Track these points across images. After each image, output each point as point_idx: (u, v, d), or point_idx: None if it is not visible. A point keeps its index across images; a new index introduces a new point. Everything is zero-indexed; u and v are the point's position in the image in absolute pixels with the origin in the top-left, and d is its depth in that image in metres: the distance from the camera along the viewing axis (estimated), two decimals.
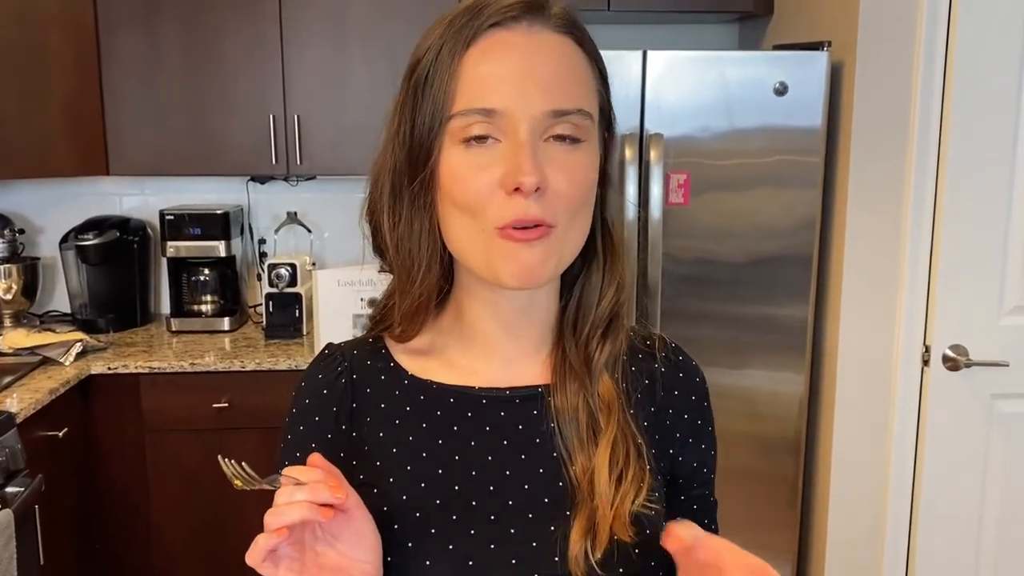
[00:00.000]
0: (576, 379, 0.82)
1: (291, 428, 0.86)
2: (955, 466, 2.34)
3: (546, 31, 0.75)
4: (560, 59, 0.75)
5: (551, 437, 0.81)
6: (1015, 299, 2.26)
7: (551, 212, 0.73)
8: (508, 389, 0.83)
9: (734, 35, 3.08)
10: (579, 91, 0.75)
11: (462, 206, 0.74)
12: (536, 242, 0.73)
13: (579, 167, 0.75)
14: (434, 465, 0.80)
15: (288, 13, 2.64)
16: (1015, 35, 2.15)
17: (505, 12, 0.74)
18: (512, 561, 0.77)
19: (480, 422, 0.82)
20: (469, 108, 0.72)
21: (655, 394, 0.87)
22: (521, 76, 0.73)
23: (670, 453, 0.87)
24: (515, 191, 0.72)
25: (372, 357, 0.86)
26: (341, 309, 2.55)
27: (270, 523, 0.67)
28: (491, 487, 0.80)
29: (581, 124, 0.75)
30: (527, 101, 0.72)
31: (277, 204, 3.02)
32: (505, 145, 0.73)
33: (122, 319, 2.84)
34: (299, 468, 0.69)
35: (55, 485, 2.23)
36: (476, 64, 0.73)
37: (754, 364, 2.44)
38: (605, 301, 0.84)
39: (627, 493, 0.78)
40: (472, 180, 0.73)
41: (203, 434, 2.51)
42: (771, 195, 2.37)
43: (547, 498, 0.79)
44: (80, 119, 2.64)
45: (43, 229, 2.97)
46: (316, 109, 2.69)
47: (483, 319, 0.83)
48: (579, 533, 0.76)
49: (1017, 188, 2.22)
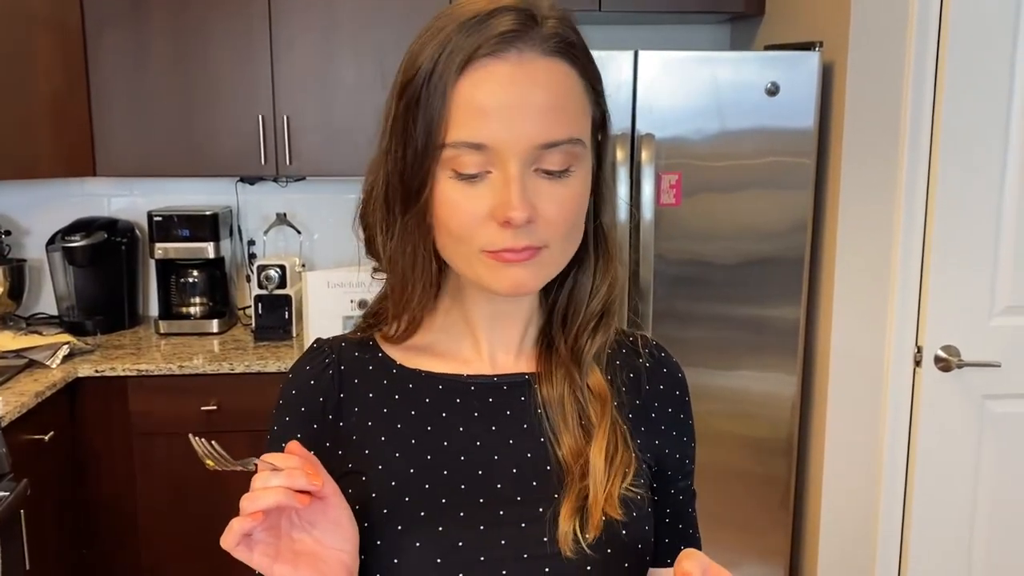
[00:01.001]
0: (563, 368, 0.85)
1: (277, 419, 0.87)
2: (947, 467, 2.34)
3: (538, 58, 0.74)
4: (550, 89, 0.74)
5: (539, 422, 0.84)
6: (1006, 300, 2.27)
7: (541, 238, 0.75)
8: (496, 376, 0.86)
9: (725, 35, 3.08)
10: (570, 118, 0.76)
11: (454, 235, 0.76)
12: (526, 263, 0.75)
13: (569, 195, 0.76)
14: (423, 451, 0.82)
15: (277, 12, 2.62)
16: (1006, 35, 2.16)
17: (496, 42, 0.73)
18: (501, 542, 0.79)
19: (468, 408, 0.84)
20: (459, 141, 0.73)
21: (640, 388, 0.89)
22: (511, 109, 0.73)
23: (656, 444, 0.89)
24: (506, 223, 0.73)
25: (360, 349, 0.88)
26: (331, 311, 2.54)
27: (245, 507, 0.67)
28: (480, 471, 0.81)
29: (572, 151, 0.75)
30: (517, 134, 0.73)
31: (266, 205, 3.01)
32: (496, 176, 0.74)
33: (110, 321, 2.82)
34: (276, 455, 0.70)
35: (41, 489, 2.20)
36: (467, 94, 0.73)
37: (746, 365, 2.44)
38: (597, 299, 0.86)
39: (617, 475, 0.81)
40: (464, 211, 0.75)
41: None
42: (763, 196, 2.37)
43: (535, 481, 0.81)
44: (67, 120, 2.62)
45: (30, 231, 2.95)
46: (306, 110, 2.68)
47: (474, 316, 0.85)
48: (568, 514, 0.79)
49: (1008, 188, 2.22)
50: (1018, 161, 2.21)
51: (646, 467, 0.86)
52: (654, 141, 2.30)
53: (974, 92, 2.17)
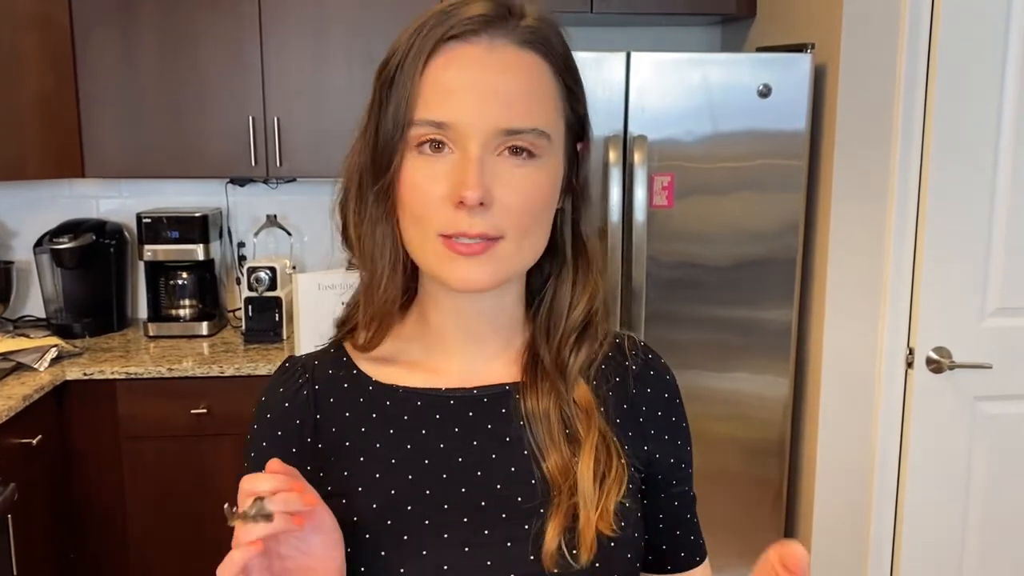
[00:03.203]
0: (548, 381, 0.82)
1: (254, 444, 0.84)
2: (939, 468, 2.35)
3: (509, 47, 0.75)
4: (519, 76, 0.75)
5: (521, 435, 0.81)
6: (998, 301, 2.27)
7: (496, 226, 0.74)
8: (475, 388, 0.83)
9: (716, 37, 3.08)
10: (536, 109, 0.75)
11: (412, 214, 0.76)
12: (480, 255, 0.74)
13: (530, 183, 0.75)
14: (403, 471, 0.80)
15: (267, 13, 2.61)
16: (997, 38, 2.16)
17: (467, 25, 0.74)
18: (487, 563, 0.77)
19: (448, 424, 0.82)
20: (423, 119, 0.74)
21: (627, 391, 0.87)
22: (476, 91, 0.73)
23: (644, 449, 0.86)
24: (460, 204, 0.72)
25: (334, 366, 0.86)
26: (322, 313, 2.51)
27: (242, 536, 0.65)
28: (463, 489, 0.79)
29: (536, 143, 0.75)
30: (480, 117, 0.73)
31: (256, 207, 2.99)
32: (456, 157, 0.74)
33: (98, 324, 2.79)
34: (262, 476, 0.67)
35: (29, 493, 2.18)
36: (436, 75, 0.74)
37: (738, 367, 2.44)
38: (578, 310, 0.84)
39: (610, 490, 0.78)
40: (423, 190, 0.74)
41: (181, 441, 2.48)
42: (755, 198, 2.37)
43: (520, 496, 0.79)
44: (55, 121, 2.59)
45: (17, 232, 2.92)
46: (296, 111, 2.66)
47: (446, 324, 0.83)
48: (555, 531, 0.76)
49: (999, 190, 2.23)
50: (1009, 162, 2.21)
51: (634, 471, 0.84)
52: (646, 143, 2.29)
53: (966, 94, 2.18)
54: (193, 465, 2.49)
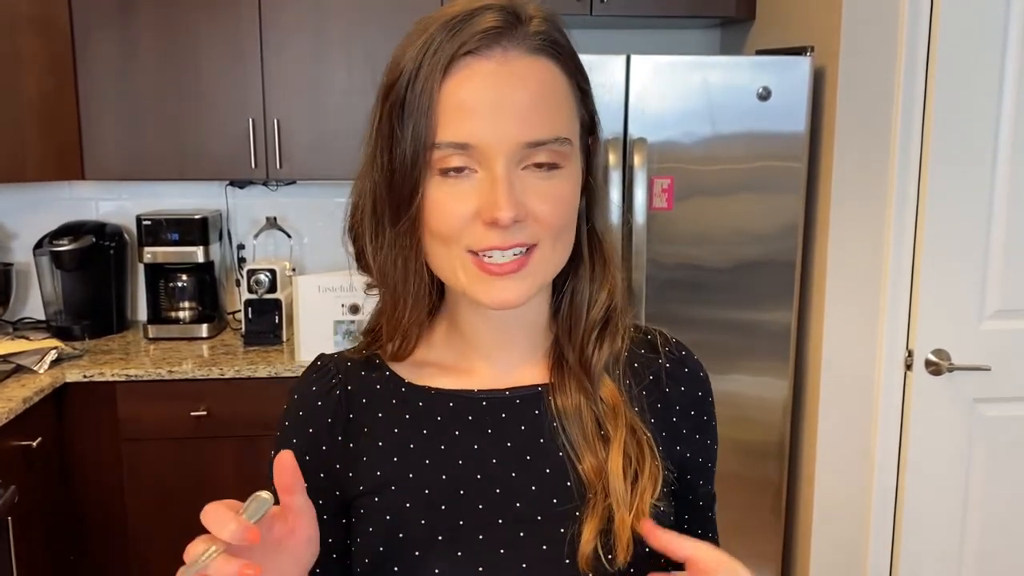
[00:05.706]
0: (575, 379, 0.82)
1: (284, 441, 0.84)
2: (938, 470, 2.35)
3: (522, 56, 0.73)
4: (536, 85, 0.73)
5: (555, 436, 0.80)
6: (997, 303, 2.27)
7: (531, 235, 0.74)
8: (507, 390, 0.83)
9: (715, 40, 3.09)
10: (556, 117, 0.74)
11: (439, 235, 0.74)
12: (515, 274, 0.74)
13: (558, 194, 0.74)
14: (437, 471, 0.79)
15: (267, 15, 2.61)
16: (996, 40, 2.17)
17: (480, 39, 0.72)
18: (523, 565, 0.76)
19: (481, 425, 0.81)
20: (444, 141, 0.72)
21: (661, 390, 0.86)
22: (496, 108, 0.71)
23: (677, 450, 0.86)
24: (492, 223, 0.72)
25: (366, 368, 0.85)
26: (322, 315, 2.53)
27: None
28: (497, 490, 0.79)
29: (559, 151, 0.74)
30: (502, 133, 0.71)
31: (256, 209, 2.99)
32: (482, 175, 0.72)
33: (98, 326, 2.79)
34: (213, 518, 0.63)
35: (29, 496, 2.18)
36: (452, 94, 0.72)
37: (738, 369, 2.44)
38: (597, 306, 0.83)
39: (645, 489, 0.78)
40: (450, 212, 0.73)
41: (181, 443, 2.47)
42: (754, 200, 2.37)
43: (555, 499, 0.78)
44: (55, 122, 2.59)
45: (17, 234, 2.92)
46: (296, 113, 2.66)
47: (477, 333, 0.83)
48: (591, 533, 0.76)
49: (998, 193, 2.23)
50: (1008, 165, 2.22)
51: (667, 472, 0.83)
52: (646, 145, 2.29)
53: (965, 97, 2.18)
54: (193, 467, 2.50)
